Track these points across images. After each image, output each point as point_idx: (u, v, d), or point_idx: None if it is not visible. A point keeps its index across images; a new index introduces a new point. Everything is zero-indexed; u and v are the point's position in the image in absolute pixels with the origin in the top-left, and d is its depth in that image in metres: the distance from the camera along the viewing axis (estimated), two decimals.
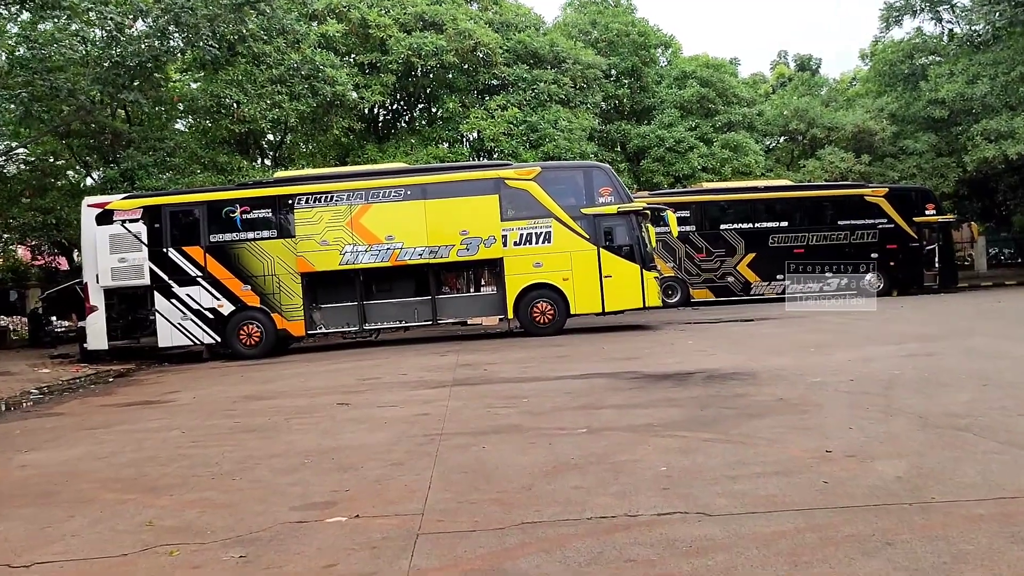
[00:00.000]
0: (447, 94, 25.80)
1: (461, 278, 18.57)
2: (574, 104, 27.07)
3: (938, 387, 8.68)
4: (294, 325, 17.70)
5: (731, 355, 12.53)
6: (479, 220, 17.68)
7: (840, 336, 14.55)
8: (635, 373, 11.08)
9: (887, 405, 7.80)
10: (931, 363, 10.47)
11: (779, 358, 11.83)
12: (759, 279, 26.31)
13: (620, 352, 13.92)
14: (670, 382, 10.08)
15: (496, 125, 24.77)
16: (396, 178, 18.07)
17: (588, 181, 18.28)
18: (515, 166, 18.71)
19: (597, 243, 17.84)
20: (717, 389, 9.31)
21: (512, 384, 10.78)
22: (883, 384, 9.01)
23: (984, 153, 28.25)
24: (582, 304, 17.88)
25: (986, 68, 29.69)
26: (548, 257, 17.82)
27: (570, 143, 25.09)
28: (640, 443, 6.79)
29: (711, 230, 26.31)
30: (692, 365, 11.55)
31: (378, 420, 8.67)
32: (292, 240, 17.63)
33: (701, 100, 30.64)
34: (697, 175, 29.29)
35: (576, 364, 12.57)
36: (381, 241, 17.61)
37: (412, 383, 11.52)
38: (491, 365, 13.05)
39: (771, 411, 7.86)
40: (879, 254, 26.36)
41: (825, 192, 27.56)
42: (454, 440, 7.38)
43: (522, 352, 14.82)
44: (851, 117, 31.60)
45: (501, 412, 8.66)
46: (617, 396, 9.28)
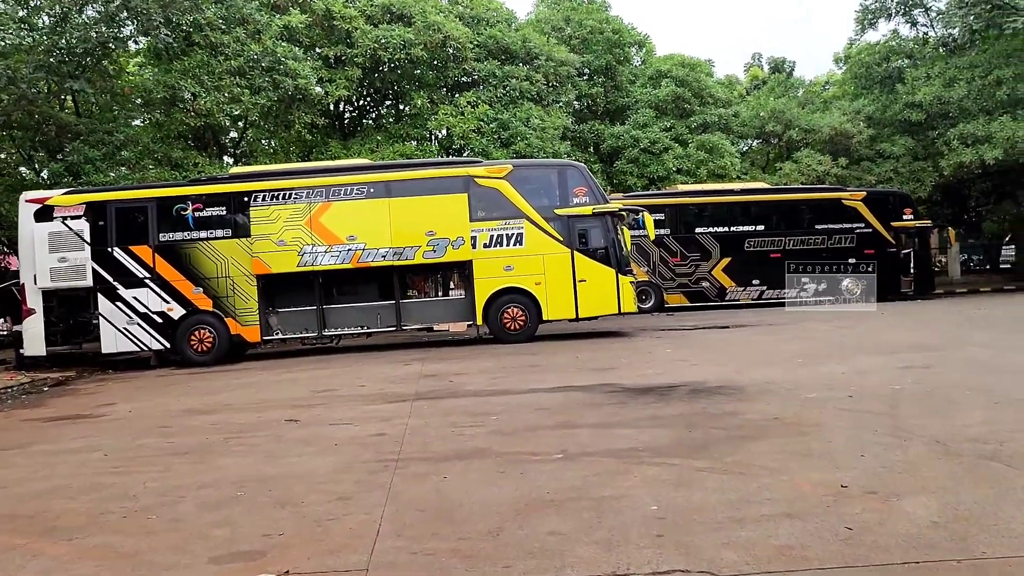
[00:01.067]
0: (415, 90, 24.82)
1: (427, 281, 17.66)
2: (547, 102, 26.24)
3: (946, 404, 7.91)
4: (249, 330, 16.63)
5: (714, 366, 11.73)
6: (447, 220, 16.74)
7: (826, 345, 13.81)
8: (613, 386, 10.22)
9: (896, 426, 7.00)
10: (931, 376, 9.72)
11: (766, 370, 11.04)
12: (735, 284, 25.65)
13: (596, 362, 13.07)
14: (652, 396, 9.23)
15: (466, 122, 23.84)
16: (359, 175, 17.07)
17: (562, 180, 17.42)
18: (485, 164, 17.81)
19: (571, 246, 16.99)
20: (704, 405, 8.47)
21: (480, 398, 9.87)
22: (886, 401, 8.23)
23: (961, 157, 27.82)
24: (555, 310, 17.02)
25: (963, 71, 29.30)
26: (519, 260, 16.93)
27: (542, 142, 24.25)
28: (625, 473, 5.93)
29: (686, 234, 25.60)
30: (674, 377, 10.72)
31: (328, 441, 7.73)
32: (248, 240, 16.57)
33: (676, 100, 29.92)
34: (672, 177, 28.56)
35: (549, 375, 11.70)
36: (342, 241, 16.61)
37: (370, 396, 10.57)
38: (458, 376, 12.13)
39: (767, 432, 7.03)
40: (856, 259, 25.81)
41: (802, 196, 26.96)
42: (412, 467, 6.46)
43: (492, 361, 13.92)
44: (828, 119, 31.06)
45: (467, 432, 7.75)
46: (595, 413, 8.41)
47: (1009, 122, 27.50)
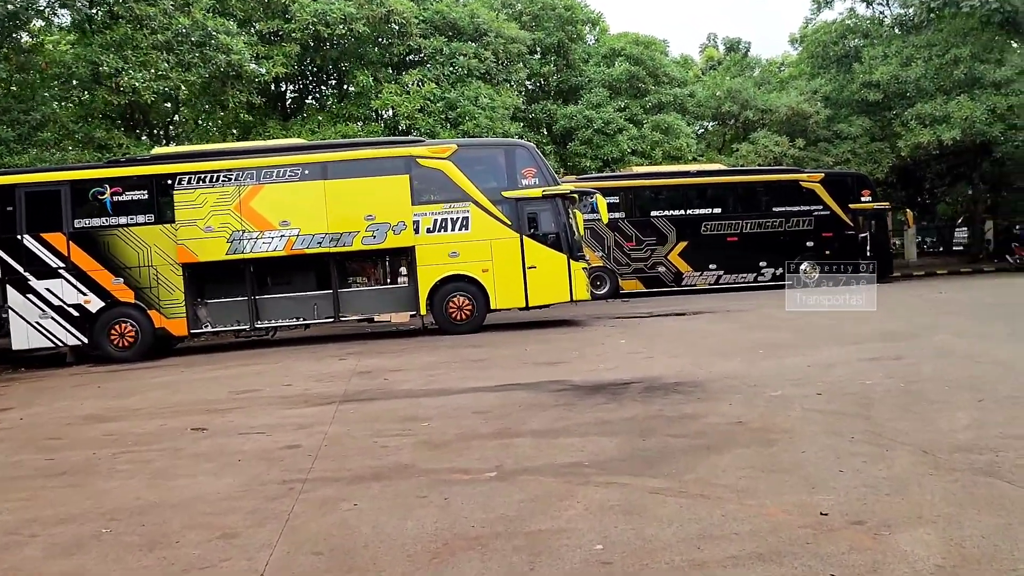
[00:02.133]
0: (358, 68, 23.58)
1: (367, 269, 16.56)
2: (496, 81, 25.17)
3: (926, 404, 7.14)
4: (175, 323, 15.44)
5: (671, 358, 10.91)
6: (387, 204, 15.68)
7: (787, 334, 13.07)
8: (561, 383, 9.33)
9: (874, 432, 6.20)
10: (904, 369, 8.99)
11: (726, 362, 10.25)
12: (691, 269, 24.95)
13: (545, 355, 12.18)
14: (602, 396, 8.36)
15: (411, 101, 22.68)
16: (292, 156, 15.91)
17: (510, 161, 16.45)
18: (428, 143, 16.73)
19: (520, 230, 16.04)
20: (660, 406, 7.62)
21: (413, 400, 8.91)
22: (858, 399, 7.45)
23: (919, 138, 27.38)
24: (503, 298, 16.08)
25: (920, 51, 28.87)
26: (465, 246, 15.95)
27: (492, 122, 23.20)
28: (567, 497, 5.02)
29: (641, 217, 24.81)
30: (627, 372, 9.87)
31: (232, 455, 6.73)
32: (172, 226, 15.34)
33: (631, 79, 29.01)
34: (627, 159, 27.70)
35: (493, 371, 10.77)
36: (274, 227, 15.47)
37: (293, 398, 9.54)
38: (394, 373, 11.15)
39: (731, 441, 6.18)
40: (815, 242, 25.28)
41: (760, 177, 26.31)
42: (320, 490, 5.50)
43: (433, 355, 12.95)
44: (785, 99, 30.42)
45: (391, 443, 6.80)
46: (539, 417, 7.50)
47: (966, 102, 27.12)
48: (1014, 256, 29.65)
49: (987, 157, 32.08)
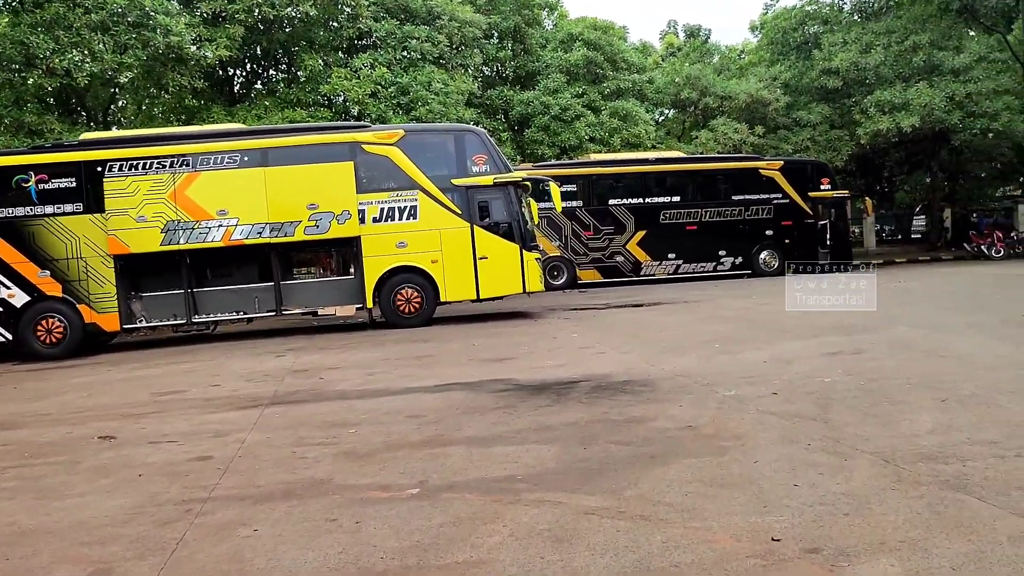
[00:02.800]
0: (307, 51, 22.75)
1: (311, 260, 15.86)
2: (451, 66, 24.50)
3: (887, 404, 6.69)
4: (106, 318, 14.64)
5: (622, 353, 10.41)
6: (331, 192, 15.00)
7: (745, 327, 12.66)
8: (506, 382, 8.79)
9: (832, 437, 5.73)
10: (864, 365, 8.57)
11: (679, 358, 9.77)
12: (650, 258, 24.55)
13: (493, 350, 11.62)
14: (547, 396, 7.82)
15: (362, 86, 21.93)
16: (231, 141, 15.15)
17: (460, 147, 15.84)
18: (374, 129, 16.04)
19: (471, 219, 15.46)
20: (606, 409, 7.10)
21: (346, 402, 8.30)
22: (816, 399, 6.99)
23: (878, 125, 27.20)
24: (454, 290, 15.49)
25: (879, 37, 28.70)
26: (414, 236, 15.32)
27: (445, 108, 22.55)
28: (493, 519, 4.47)
29: (599, 206, 24.34)
30: (576, 369, 9.36)
31: (134, 469, 6.09)
32: (102, 216, 14.54)
33: (588, 65, 28.47)
34: (585, 146, 27.20)
35: (437, 369, 10.20)
36: (212, 217, 14.72)
37: (219, 400, 8.89)
38: (332, 371, 10.53)
39: (678, 450, 5.68)
40: (774, 231, 25.02)
41: (719, 165, 25.97)
42: (219, 513, 4.89)
43: (376, 351, 12.34)
44: (744, 86, 30.09)
45: (311, 454, 6.20)
46: (476, 422, 6.94)
47: (925, 89, 26.99)
48: (971, 244, 29.68)
49: (945, 145, 32.10)
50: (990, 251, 28.71)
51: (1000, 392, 6.93)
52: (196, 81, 21.01)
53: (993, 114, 27.34)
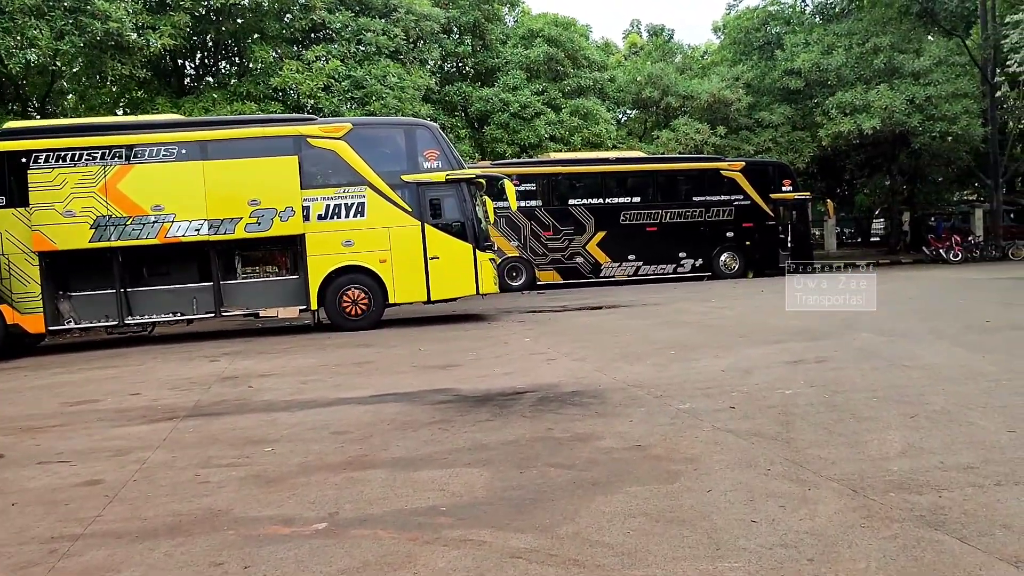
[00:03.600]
0: (258, 43, 21.90)
1: (252, 259, 15.07)
2: (408, 60, 23.77)
3: (853, 422, 6.18)
4: (30, 319, 13.74)
5: (574, 360, 9.84)
6: (273, 187, 14.26)
7: (704, 332, 12.15)
8: (447, 392, 8.17)
9: (795, 461, 5.19)
10: (827, 375, 8.08)
11: (633, 366, 9.22)
12: (610, 260, 24.06)
13: (439, 356, 10.99)
14: (488, 410, 7.22)
15: (314, 79, 21.14)
16: (167, 132, 14.33)
17: (410, 142, 15.18)
18: (320, 122, 15.29)
19: (421, 217, 14.81)
20: (550, 424, 6.51)
21: (271, 415, 7.62)
22: (777, 415, 6.46)
23: (839, 127, 26.99)
24: (403, 291, 14.82)
25: (841, 39, 28.53)
26: (361, 234, 14.64)
27: (401, 103, 21.84)
28: (404, 564, 3.85)
29: (559, 205, 23.79)
30: (524, 378, 8.76)
31: (7, 496, 5.38)
32: (25, 210, 13.65)
33: (549, 61, 27.90)
34: (544, 144, 26.64)
35: (376, 377, 9.54)
36: (146, 212, 13.89)
37: (133, 412, 8.14)
38: (264, 378, 9.81)
39: (624, 475, 5.10)
40: (735, 233, 24.67)
41: (680, 165, 25.55)
42: (89, 554, 4.22)
43: (315, 356, 11.64)
44: (706, 85, 29.74)
45: (215, 478, 5.52)
46: (406, 439, 6.31)
47: (886, 91, 26.83)
48: (930, 248, 29.62)
49: (905, 148, 32.05)
50: (948, 255, 28.64)
51: (970, 407, 6.46)
52: (139, 71, 20.05)
53: (952, 117, 27.27)
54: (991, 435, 5.63)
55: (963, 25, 32.03)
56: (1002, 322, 11.70)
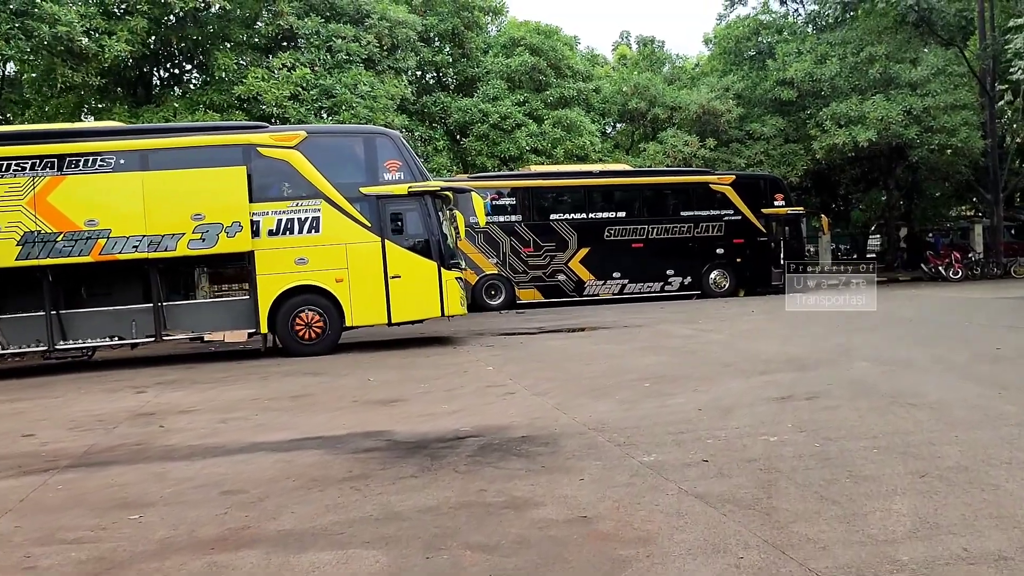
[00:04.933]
0: (221, 49, 20.83)
1: (196, 279, 13.93)
2: (381, 68, 22.72)
3: (849, 481, 5.06)
4: None
5: (535, 395, 8.70)
6: (219, 200, 13.14)
7: (685, 360, 11.01)
8: (379, 437, 7.03)
9: (775, 543, 4.06)
10: (818, 416, 6.96)
11: (600, 402, 8.09)
12: (594, 277, 22.95)
13: (388, 388, 9.85)
14: (417, 461, 6.09)
15: (279, 87, 20.06)
16: (103, 141, 13.22)
17: (370, 152, 14.09)
18: (271, 130, 14.19)
19: (382, 233, 13.69)
20: (483, 484, 5.38)
21: (164, 466, 6.46)
22: (758, 471, 5.35)
23: (834, 139, 25.91)
24: (361, 313, 13.68)
25: (835, 48, 27.53)
26: (316, 251, 13.51)
27: (373, 112, 20.76)
28: None
29: (540, 220, 22.70)
30: (472, 417, 7.63)
31: None
32: None
33: (531, 71, 26.85)
34: (526, 157, 25.57)
35: (306, 415, 8.38)
36: (78, 227, 12.74)
37: (8, 460, 6.97)
38: (182, 415, 8.65)
39: (556, 564, 3.97)
40: (725, 249, 23.60)
41: (667, 179, 24.50)
42: None
43: (253, 387, 10.48)
44: (695, 96, 28.69)
45: (47, 562, 4.39)
46: (307, 503, 5.17)
47: (882, 102, 25.78)
48: (928, 265, 28.54)
49: (902, 162, 31.04)
50: (948, 272, 27.58)
51: (992, 463, 5.34)
52: (93, 78, 18.96)
53: (951, 129, 26.25)
54: (1023, 505, 4.50)
55: (960, 36, 31.13)
56: (1013, 350, 10.59)
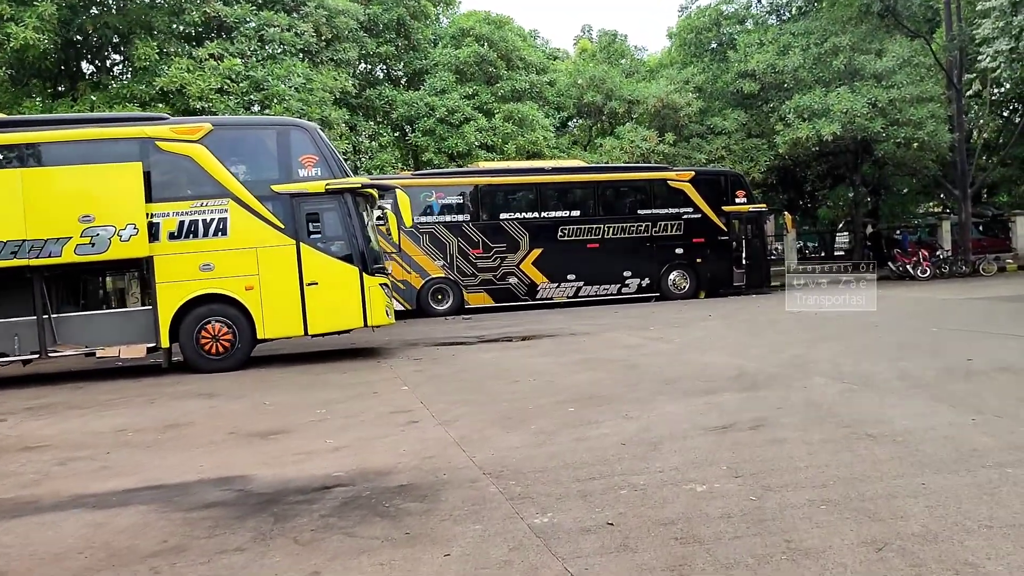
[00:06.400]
0: (143, 38, 19.34)
1: (86, 288, 12.54)
2: (320, 60, 21.36)
3: (787, 557, 3.89)
4: None
5: (440, 424, 7.47)
6: (111, 200, 11.73)
7: (623, 376, 9.81)
8: (231, 485, 5.78)
9: None
10: (761, 453, 5.78)
11: (511, 434, 6.88)
12: (547, 280, 21.74)
13: (279, 415, 8.55)
14: (255, 524, 4.84)
15: (205, 79, 18.64)
16: None
17: (283, 146, 12.74)
18: (172, 121, 12.80)
19: (296, 236, 12.36)
20: (320, 564, 4.14)
21: None
22: (674, 540, 4.17)
23: (797, 133, 24.83)
24: (274, 324, 12.33)
25: (798, 38, 26.50)
26: (223, 256, 12.15)
27: (307, 106, 19.40)
28: None
29: (489, 220, 21.45)
30: (355, 457, 6.40)
31: None
32: None
33: (480, 62, 25.57)
34: (474, 153, 24.31)
35: (165, 452, 7.07)
36: None
37: None
38: (23, 452, 7.31)
39: None
40: (685, 249, 22.49)
41: (623, 176, 23.36)
42: None
43: (127, 415, 9.10)
44: (653, 89, 27.53)
45: None
46: None
47: (846, 94, 24.75)
48: (896, 263, 27.62)
49: (868, 158, 30.14)
50: (916, 271, 26.67)
51: (968, 528, 4.19)
52: None
53: (917, 122, 25.31)
54: None
55: (927, 27, 30.29)
56: (987, 362, 9.48)
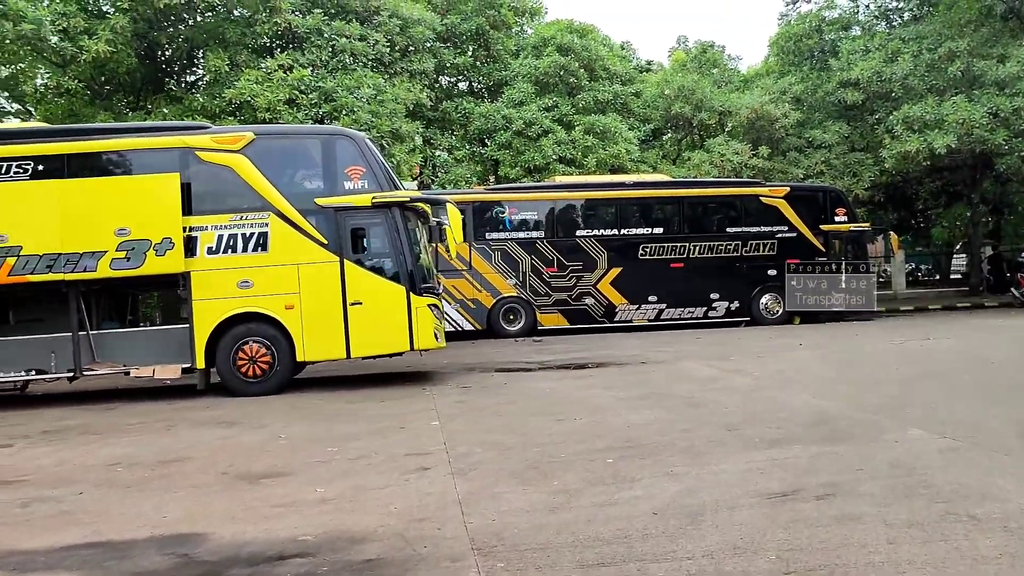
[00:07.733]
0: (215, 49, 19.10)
1: (122, 304, 12.02)
2: (394, 71, 20.74)
3: None
4: None
5: (451, 474, 6.40)
6: (148, 213, 11.17)
7: (684, 416, 8.51)
8: (176, 548, 4.86)
9: None
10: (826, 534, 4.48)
11: (526, 491, 5.76)
12: (626, 301, 20.47)
13: (283, 453, 7.64)
14: None
15: (274, 90, 18.20)
16: (17, 144, 11.42)
17: (328, 156, 11.95)
18: (214, 130, 12.18)
19: (340, 252, 11.53)
20: None
21: None
22: None
23: (906, 146, 22.72)
24: (315, 346, 11.52)
25: (908, 44, 24.40)
26: (263, 272, 11.44)
27: (378, 119, 18.74)
28: None
29: (565, 237, 20.37)
30: (334, 515, 5.38)
31: None
32: None
33: (561, 72, 24.52)
34: (552, 166, 23.26)
35: (140, 496, 6.23)
36: None
37: None
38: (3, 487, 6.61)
39: None
40: (779, 271, 20.84)
41: (711, 191, 21.90)
42: None
43: (134, 444, 8.37)
44: (747, 99, 25.88)
45: None
46: None
47: (963, 103, 22.50)
48: (1019, 289, 25.08)
49: (988, 173, 27.63)
50: None
51: None
52: (69, 82, 17.43)
53: None
54: None
55: None
56: None
